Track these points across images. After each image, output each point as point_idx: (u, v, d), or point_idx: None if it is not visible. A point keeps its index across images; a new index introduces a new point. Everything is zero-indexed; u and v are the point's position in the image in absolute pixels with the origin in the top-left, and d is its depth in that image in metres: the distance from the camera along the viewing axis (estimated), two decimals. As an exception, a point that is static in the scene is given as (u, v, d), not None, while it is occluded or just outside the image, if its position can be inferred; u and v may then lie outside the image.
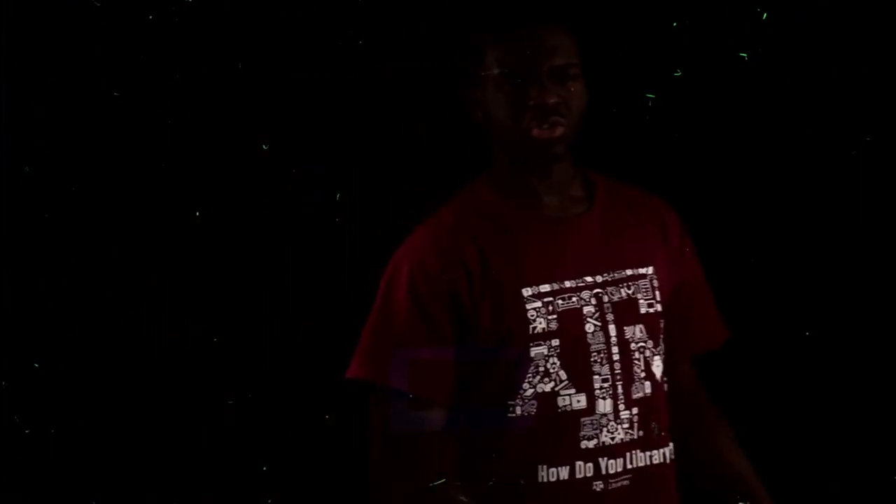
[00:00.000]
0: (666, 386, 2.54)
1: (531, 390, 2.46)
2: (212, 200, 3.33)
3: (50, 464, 3.28)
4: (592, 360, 2.48)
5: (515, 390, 2.46)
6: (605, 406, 2.48)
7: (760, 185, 3.37)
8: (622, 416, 2.48)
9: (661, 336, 2.54)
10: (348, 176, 3.37)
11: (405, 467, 2.48)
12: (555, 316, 2.47)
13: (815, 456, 3.36)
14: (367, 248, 3.32)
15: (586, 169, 2.60)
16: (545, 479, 2.46)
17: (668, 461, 2.53)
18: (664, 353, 2.54)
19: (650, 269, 2.54)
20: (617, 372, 2.49)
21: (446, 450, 2.48)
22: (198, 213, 3.32)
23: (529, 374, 2.46)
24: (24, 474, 3.26)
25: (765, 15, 3.27)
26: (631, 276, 2.52)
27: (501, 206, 2.53)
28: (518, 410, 2.46)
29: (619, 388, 2.49)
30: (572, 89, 2.47)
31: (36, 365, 3.26)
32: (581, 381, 2.47)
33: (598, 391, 2.47)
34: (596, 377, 2.48)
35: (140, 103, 3.29)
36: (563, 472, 2.46)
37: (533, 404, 2.46)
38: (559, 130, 2.46)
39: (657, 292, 2.53)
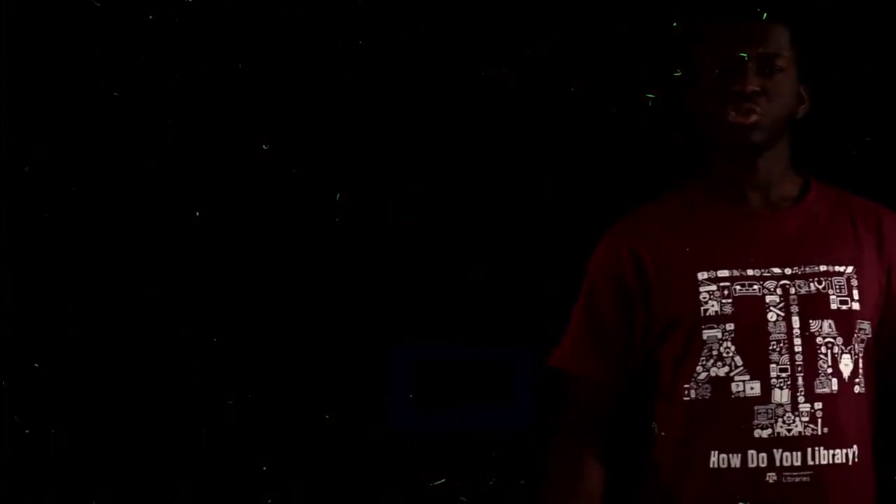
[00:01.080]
0: (858, 388, 2.51)
1: (705, 374, 2.47)
2: (212, 200, 3.34)
3: (50, 464, 3.28)
4: (771, 348, 2.47)
5: (689, 373, 2.48)
6: (781, 396, 2.46)
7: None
8: (801, 409, 2.47)
9: (857, 335, 2.52)
10: (348, 176, 3.37)
11: (566, 439, 2.54)
12: (730, 300, 2.49)
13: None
14: (367, 248, 3.32)
15: (810, 175, 2.62)
16: (716, 466, 2.46)
17: (851, 463, 2.49)
18: (860, 354, 2.52)
19: (849, 269, 2.52)
20: (798, 363, 2.48)
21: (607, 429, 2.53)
22: (198, 213, 3.32)
23: (703, 357, 2.47)
24: (25, 474, 3.26)
25: (765, 15, 3.27)
26: (825, 272, 2.51)
27: (702, 198, 2.58)
28: (692, 394, 2.48)
29: (800, 379, 2.47)
30: (776, 81, 2.51)
31: (36, 365, 3.27)
32: (757, 368, 2.47)
33: (774, 380, 2.46)
34: (773, 366, 2.47)
35: (140, 103, 3.29)
36: (735, 460, 2.45)
37: (707, 388, 2.47)
38: (753, 117, 2.49)
39: (855, 291, 2.51)
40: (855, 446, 2.49)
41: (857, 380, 2.50)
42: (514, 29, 3.29)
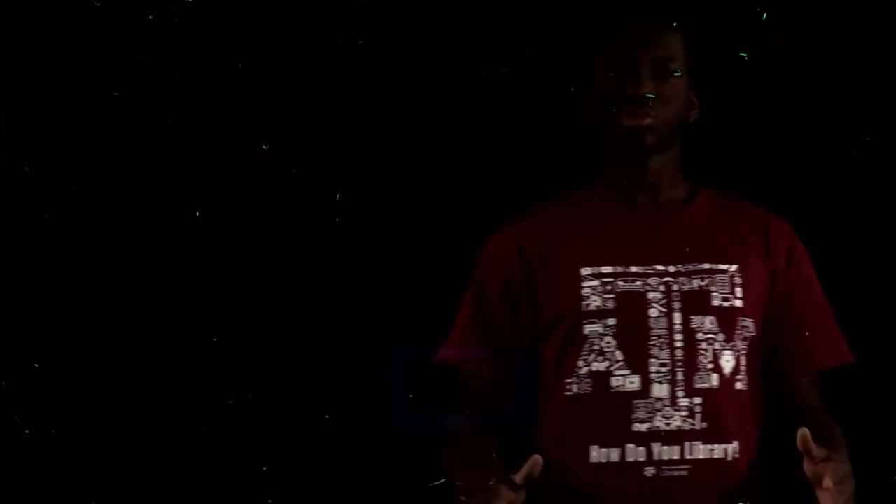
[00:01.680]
0: (740, 384, 2.55)
1: (586, 368, 2.52)
2: (212, 200, 3.33)
3: (50, 464, 3.28)
4: (651, 343, 2.52)
5: (571, 368, 2.52)
6: (661, 391, 2.50)
7: (760, 184, 3.37)
8: (680, 404, 2.51)
9: (738, 332, 2.56)
10: (348, 176, 3.36)
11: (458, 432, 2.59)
12: (612, 296, 2.54)
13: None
14: (367, 247, 3.32)
15: (701, 182, 2.69)
16: (597, 460, 2.50)
17: (730, 458, 2.53)
18: (743, 352, 2.56)
19: (733, 267, 2.58)
20: (678, 359, 2.52)
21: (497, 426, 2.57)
22: (198, 213, 3.32)
23: (584, 352, 2.52)
24: (25, 474, 3.26)
25: (765, 15, 3.27)
26: (708, 269, 2.57)
27: (592, 198, 2.65)
28: (574, 388, 2.53)
29: (680, 374, 2.51)
30: (669, 86, 2.57)
31: (36, 365, 3.26)
32: (636, 362, 2.51)
33: (654, 375, 2.51)
34: (653, 360, 2.51)
35: (140, 103, 3.29)
36: (615, 454, 2.50)
37: (588, 382, 2.52)
38: (647, 120, 2.55)
39: (738, 289, 2.57)
40: (735, 442, 2.53)
41: (738, 376, 2.56)
42: (514, 29, 3.29)
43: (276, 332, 3.35)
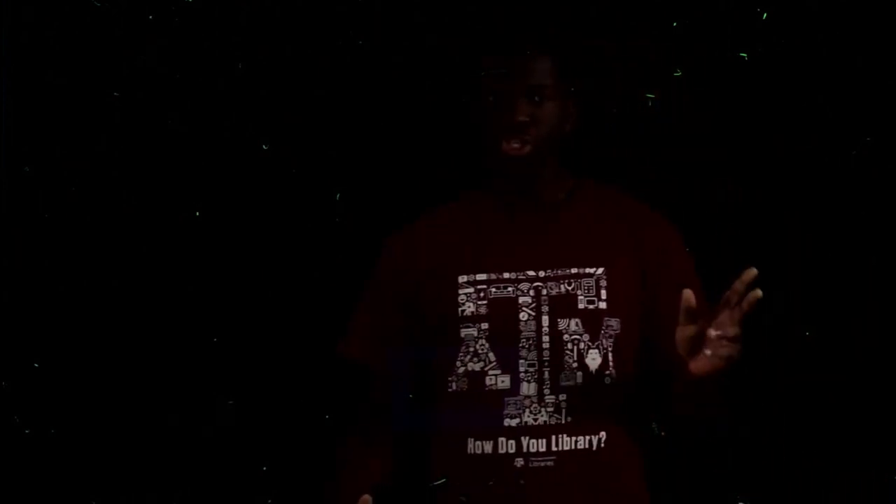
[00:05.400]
0: (608, 379, 2.72)
1: (463, 368, 2.73)
2: (212, 200, 3.34)
3: (50, 464, 3.28)
4: (521, 345, 2.72)
5: (450, 367, 2.73)
6: (529, 389, 2.71)
7: (760, 184, 3.37)
8: (547, 400, 2.70)
9: (604, 332, 2.73)
10: (348, 176, 3.37)
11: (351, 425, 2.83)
12: (485, 302, 2.74)
13: (813, 456, 3.36)
14: (368, 247, 3.32)
15: (584, 178, 2.84)
16: (472, 452, 2.71)
17: (595, 448, 2.70)
18: (610, 349, 2.73)
19: (599, 270, 2.75)
20: (545, 359, 2.72)
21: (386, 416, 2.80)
22: (198, 213, 3.32)
23: (461, 354, 2.73)
24: (25, 474, 3.26)
25: (765, 15, 3.27)
26: (575, 273, 2.74)
27: (476, 204, 2.84)
28: (454, 386, 2.74)
29: (546, 374, 2.71)
30: (544, 109, 2.73)
31: (36, 365, 3.27)
32: (507, 363, 2.72)
33: (522, 374, 2.71)
34: (522, 361, 2.71)
35: (140, 103, 3.29)
36: (488, 447, 2.70)
37: (465, 381, 2.73)
38: (526, 148, 2.73)
39: (603, 291, 2.74)
40: (603, 433, 2.71)
41: (606, 372, 2.73)
42: (513, 28, 3.29)
43: (276, 332, 3.36)
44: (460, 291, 2.74)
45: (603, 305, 2.73)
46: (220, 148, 3.34)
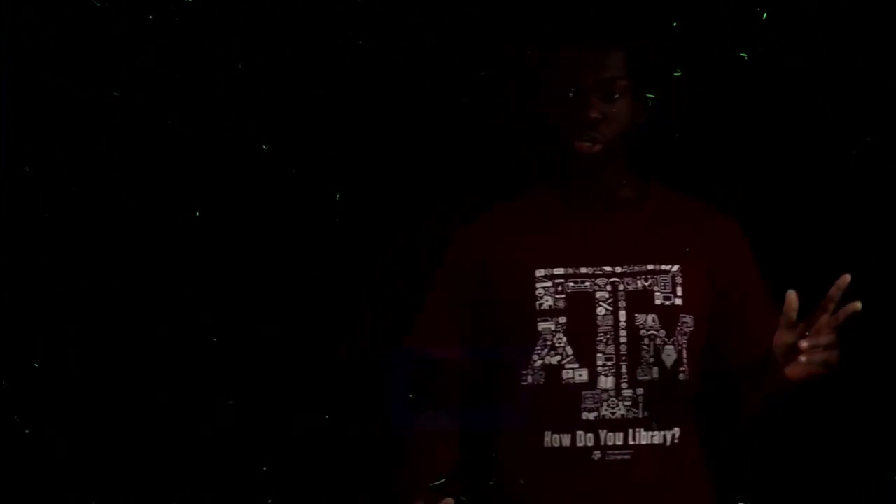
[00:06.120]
0: (682, 376, 2.75)
1: (540, 362, 2.73)
2: (212, 200, 3.34)
3: (50, 464, 3.28)
4: (598, 339, 2.72)
5: (526, 361, 2.73)
6: (606, 382, 2.72)
7: (760, 184, 3.37)
8: (624, 394, 2.71)
9: (679, 328, 2.74)
10: (348, 176, 3.37)
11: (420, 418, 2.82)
12: (563, 296, 2.73)
13: (813, 456, 3.36)
14: (367, 248, 3.32)
15: (653, 181, 2.86)
16: (549, 445, 2.72)
17: (669, 444, 2.73)
18: (684, 346, 2.75)
19: (675, 267, 2.75)
20: (622, 353, 2.72)
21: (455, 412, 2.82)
22: (198, 213, 3.32)
23: (538, 347, 2.73)
24: (25, 474, 3.26)
25: (765, 15, 3.27)
26: (651, 270, 2.75)
27: (546, 201, 2.82)
28: (529, 380, 2.73)
29: (624, 368, 2.72)
30: (616, 106, 2.71)
31: (36, 365, 3.27)
32: (585, 357, 2.72)
33: (600, 368, 2.72)
34: (600, 355, 2.72)
35: (140, 103, 3.29)
36: (566, 440, 2.71)
37: (541, 375, 2.73)
38: (597, 147, 2.71)
39: (679, 288, 2.75)
40: (676, 429, 2.74)
41: (681, 368, 2.75)
42: (513, 29, 3.29)
43: (276, 332, 3.36)
44: (538, 285, 2.74)
45: (679, 302, 2.75)
46: (220, 148, 3.34)
